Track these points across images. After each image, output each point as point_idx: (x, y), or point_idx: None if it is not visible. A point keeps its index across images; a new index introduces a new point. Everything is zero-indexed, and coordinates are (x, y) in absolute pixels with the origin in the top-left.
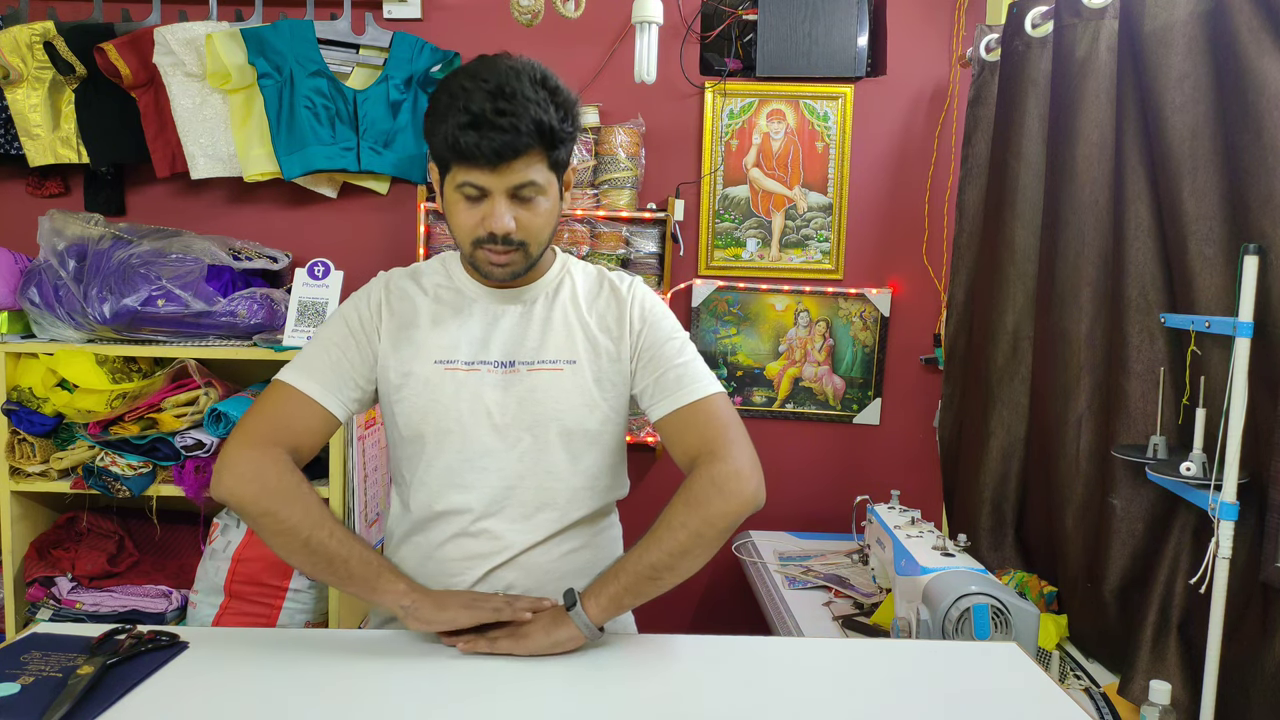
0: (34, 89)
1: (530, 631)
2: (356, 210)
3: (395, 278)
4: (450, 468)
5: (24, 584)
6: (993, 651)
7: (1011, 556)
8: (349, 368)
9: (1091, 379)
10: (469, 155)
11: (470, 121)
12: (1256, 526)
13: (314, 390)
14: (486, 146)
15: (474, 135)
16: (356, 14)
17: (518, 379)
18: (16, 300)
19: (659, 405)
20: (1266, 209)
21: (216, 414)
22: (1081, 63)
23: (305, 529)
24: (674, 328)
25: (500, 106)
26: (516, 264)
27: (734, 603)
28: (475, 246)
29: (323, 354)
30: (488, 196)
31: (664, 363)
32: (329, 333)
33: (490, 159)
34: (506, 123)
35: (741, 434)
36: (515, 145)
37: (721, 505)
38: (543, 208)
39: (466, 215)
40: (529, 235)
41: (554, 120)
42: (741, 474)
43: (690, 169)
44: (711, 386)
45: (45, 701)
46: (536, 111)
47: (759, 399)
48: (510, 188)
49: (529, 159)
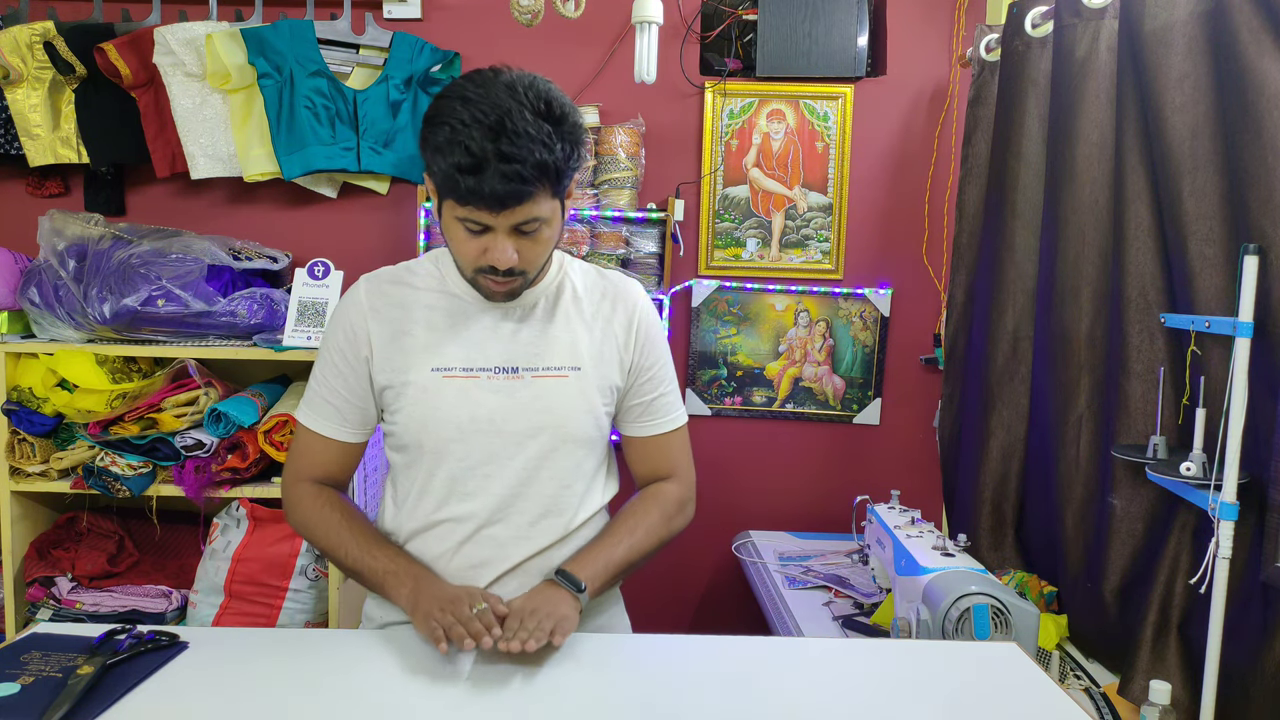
0: (34, 89)
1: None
2: (356, 210)
3: (378, 283)
4: (453, 476)
5: (24, 584)
6: (993, 651)
7: (1011, 556)
8: (348, 394)
9: (1091, 379)
10: (469, 200)
11: (471, 165)
12: (1256, 526)
13: (322, 427)
14: (489, 192)
15: (473, 180)
16: (356, 14)
17: (522, 385)
18: (16, 300)
19: (641, 426)
20: (1266, 209)
21: (216, 414)
22: (1081, 63)
23: (331, 553)
24: (666, 348)
25: (502, 150)
26: (516, 287)
27: (734, 603)
28: (476, 273)
29: (320, 388)
30: (490, 231)
31: (656, 387)
32: (321, 367)
33: (492, 205)
34: (510, 170)
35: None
36: (519, 193)
37: (681, 523)
38: (545, 236)
39: (467, 245)
40: (530, 264)
41: (558, 159)
42: (694, 499)
43: (690, 169)
44: (684, 414)
45: (45, 701)
46: (541, 153)
47: (759, 399)
48: (513, 225)
49: (534, 198)
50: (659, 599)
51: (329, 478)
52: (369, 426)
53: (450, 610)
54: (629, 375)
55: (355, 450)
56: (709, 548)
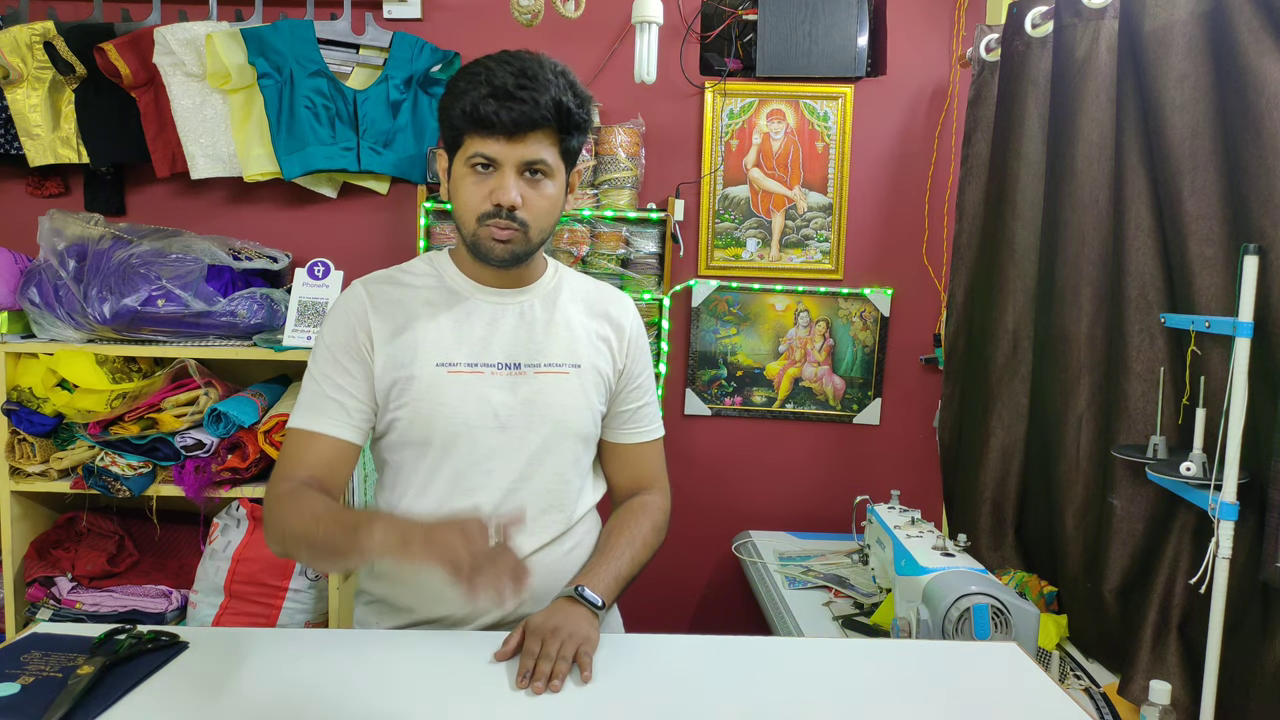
0: (34, 89)
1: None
2: (356, 210)
3: (374, 283)
4: (457, 472)
5: (24, 584)
6: (993, 651)
7: (1011, 556)
8: (353, 389)
9: (1091, 379)
10: (486, 123)
11: (491, 93)
12: (1256, 526)
13: (325, 426)
14: (505, 115)
15: (494, 104)
16: (356, 14)
17: (524, 381)
18: (16, 300)
19: (626, 433)
20: (1266, 209)
21: (216, 414)
22: (1081, 63)
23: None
24: (650, 359)
25: (522, 83)
26: (518, 243)
27: (734, 603)
28: (479, 223)
29: (322, 385)
30: (497, 170)
31: (642, 396)
32: (319, 366)
33: (508, 128)
34: (527, 96)
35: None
36: (533, 117)
37: (665, 533)
38: (548, 191)
39: (474, 189)
40: (532, 216)
41: (571, 103)
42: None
43: (690, 169)
44: (662, 428)
45: (45, 701)
46: (556, 92)
47: (759, 399)
48: (521, 162)
49: (542, 136)
50: (659, 599)
51: (318, 481)
52: (369, 427)
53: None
54: (620, 380)
55: (351, 454)
56: (709, 548)
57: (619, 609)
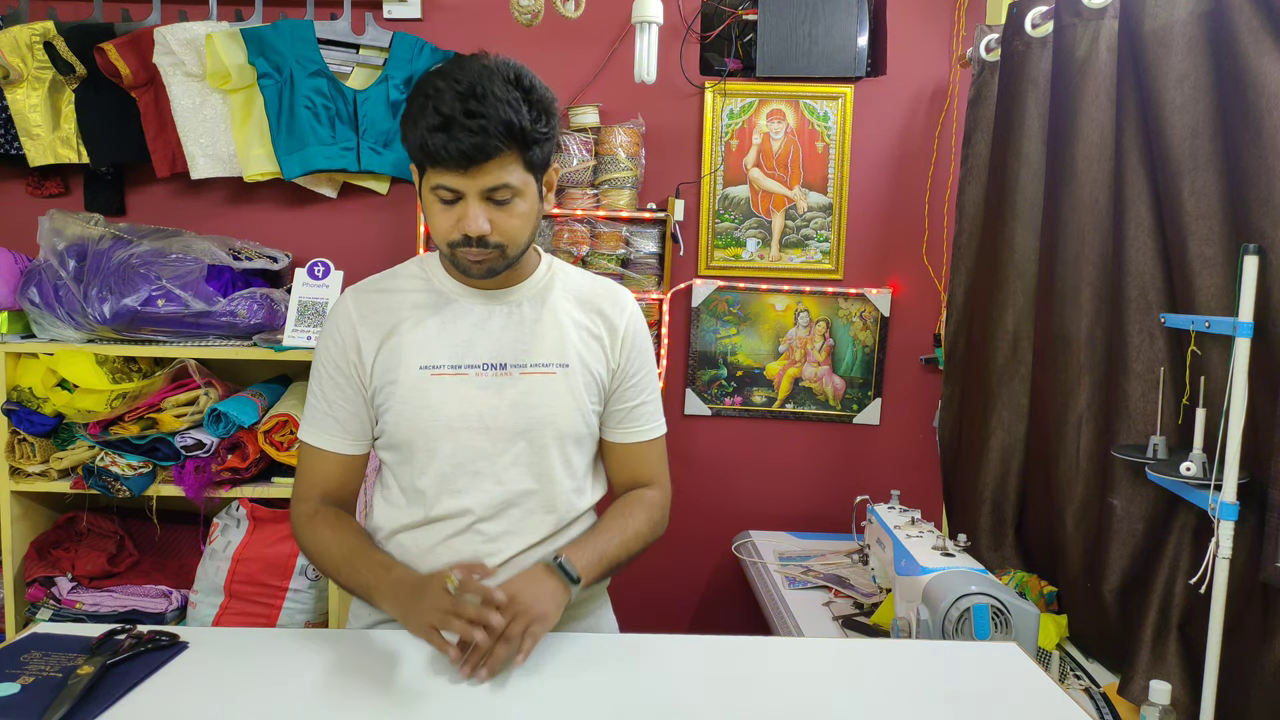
0: (34, 89)
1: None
2: (356, 210)
3: (363, 293)
4: (444, 474)
5: (24, 584)
6: (993, 651)
7: (1011, 556)
8: (345, 404)
9: (1091, 379)
10: (438, 158)
11: (440, 124)
12: (1256, 526)
13: (324, 441)
14: (454, 149)
15: (442, 137)
16: (356, 14)
17: (510, 382)
18: (16, 300)
19: (622, 432)
20: (1266, 209)
21: (216, 414)
22: (1081, 63)
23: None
24: (653, 360)
25: (470, 108)
26: (494, 261)
27: (734, 603)
28: (452, 248)
29: (319, 403)
30: (462, 199)
31: (639, 395)
32: (317, 381)
33: (459, 161)
34: (475, 125)
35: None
36: (484, 147)
37: (663, 528)
38: (519, 210)
39: (442, 218)
40: (505, 237)
41: (525, 121)
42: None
43: (690, 169)
44: (664, 425)
45: (45, 701)
46: (506, 112)
47: (759, 399)
48: (483, 190)
49: (502, 161)
50: (659, 599)
51: (331, 495)
52: (369, 437)
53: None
54: (614, 378)
55: (358, 464)
56: (709, 548)
57: (612, 609)
